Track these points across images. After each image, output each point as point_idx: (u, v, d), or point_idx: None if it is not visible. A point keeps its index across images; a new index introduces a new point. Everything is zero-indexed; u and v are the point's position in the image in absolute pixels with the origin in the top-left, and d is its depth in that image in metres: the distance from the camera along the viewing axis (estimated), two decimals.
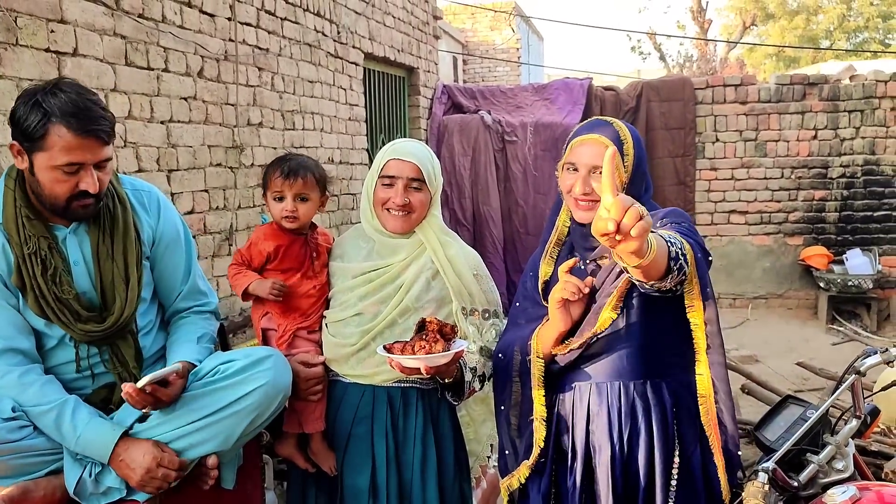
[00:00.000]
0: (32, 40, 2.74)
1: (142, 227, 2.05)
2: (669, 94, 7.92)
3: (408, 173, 2.15)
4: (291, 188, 2.25)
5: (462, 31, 14.56)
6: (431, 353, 1.84)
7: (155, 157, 3.57)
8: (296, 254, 2.29)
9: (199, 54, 3.88)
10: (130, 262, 1.98)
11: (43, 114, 1.75)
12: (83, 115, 1.78)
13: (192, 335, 2.10)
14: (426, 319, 1.93)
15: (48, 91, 1.79)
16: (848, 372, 2.07)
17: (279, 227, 2.29)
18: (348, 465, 2.19)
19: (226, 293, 4.14)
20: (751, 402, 4.69)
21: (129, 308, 1.96)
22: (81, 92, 1.82)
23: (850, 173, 7.84)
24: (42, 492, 1.77)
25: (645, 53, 24.07)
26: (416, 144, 2.24)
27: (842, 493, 1.71)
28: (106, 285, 1.95)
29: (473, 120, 7.67)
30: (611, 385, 1.92)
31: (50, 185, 1.81)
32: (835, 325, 7.33)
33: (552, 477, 2.00)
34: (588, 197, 1.89)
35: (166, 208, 2.16)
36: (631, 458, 1.91)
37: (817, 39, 24.45)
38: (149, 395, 1.79)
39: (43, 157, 1.78)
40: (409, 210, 2.16)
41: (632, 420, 1.90)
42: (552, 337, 1.92)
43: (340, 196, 5.78)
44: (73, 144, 1.77)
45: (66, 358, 1.93)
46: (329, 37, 5.53)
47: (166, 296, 2.16)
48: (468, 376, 2.06)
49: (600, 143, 1.87)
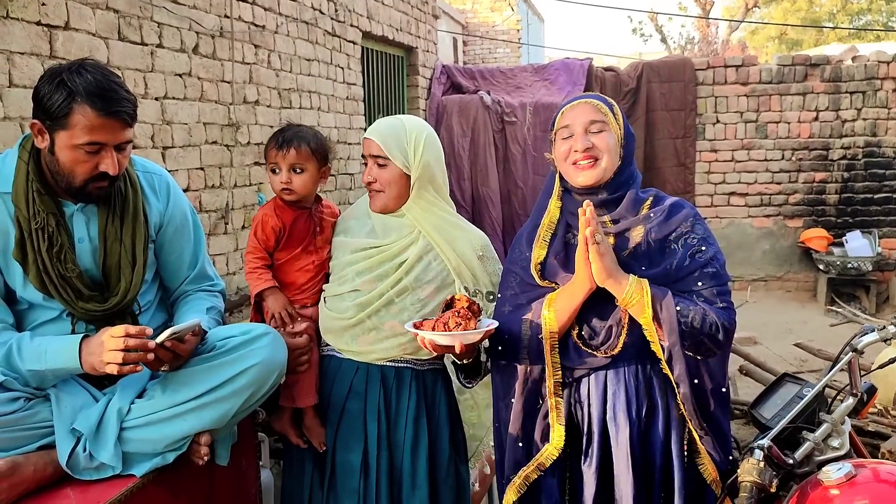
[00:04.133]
0: (23, 13, 2.71)
1: (150, 210, 2.06)
2: (670, 75, 7.87)
3: (371, 150, 2.14)
4: (285, 159, 2.22)
5: (462, 11, 14.45)
6: (466, 329, 1.81)
7: (149, 133, 3.55)
8: (300, 229, 2.27)
9: (193, 30, 3.84)
10: (138, 244, 1.99)
11: (68, 93, 1.75)
12: (108, 95, 1.78)
13: (202, 306, 2.12)
14: (455, 297, 1.90)
15: (73, 70, 1.78)
16: (845, 350, 2.05)
17: (282, 202, 2.27)
18: (341, 441, 2.19)
19: (222, 272, 4.13)
20: (748, 384, 4.69)
21: (134, 290, 1.98)
22: (106, 73, 1.82)
23: (850, 155, 7.81)
24: (32, 466, 1.75)
25: (646, 35, 24.03)
26: (388, 121, 2.19)
27: (837, 470, 1.69)
28: (111, 266, 1.95)
29: (472, 100, 7.62)
30: (627, 365, 1.90)
31: (70, 165, 1.81)
32: (834, 307, 7.32)
33: (566, 462, 1.97)
34: (589, 153, 1.87)
35: (176, 193, 2.16)
36: (648, 436, 1.90)
37: (820, 21, 24.29)
38: (168, 350, 1.79)
39: (65, 136, 1.78)
40: (376, 189, 2.14)
41: (648, 398, 1.90)
42: (576, 302, 1.86)
43: (338, 176, 5.75)
44: (97, 124, 1.77)
45: (61, 333, 1.92)
46: (326, 15, 5.48)
47: (172, 279, 2.16)
48: (484, 356, 2.03)
49: (592, 103, 1.90)
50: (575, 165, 1.89)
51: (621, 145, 1.91)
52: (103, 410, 1.86)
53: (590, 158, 1.87)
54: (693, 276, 1.85)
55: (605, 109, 1.90)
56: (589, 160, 1.88)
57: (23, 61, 2.69)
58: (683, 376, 1.82)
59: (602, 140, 1.87)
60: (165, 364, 1.84)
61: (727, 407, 1.93)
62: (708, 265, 1.86)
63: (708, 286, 1.85)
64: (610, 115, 1.90)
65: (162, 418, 1.85)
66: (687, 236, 1.87)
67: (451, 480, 2.25)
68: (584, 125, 1.89)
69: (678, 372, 1.81)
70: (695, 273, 1.85)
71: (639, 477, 1.89)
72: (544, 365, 1.91)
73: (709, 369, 1.85)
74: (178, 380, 1.88)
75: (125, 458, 1.84)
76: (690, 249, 1.86)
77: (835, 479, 1.68)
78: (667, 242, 1.87)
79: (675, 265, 1.84)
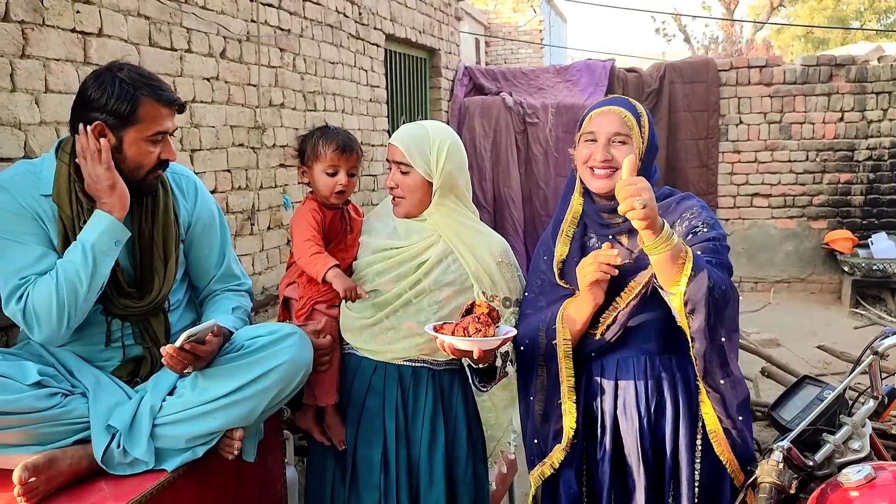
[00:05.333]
0: (59, 20, 2.78)
1: (179, 210, 2.11)
2: (693, 76, 7.83)
3: (395, 157, 2.16)
4: (348, 162, 2.26)
5: (484, 12, 14.45)
6: (486, 336, 1.84)
7: (178, 136, 3.61)
8: (335, 227, 2.31)
9: (221, 35, 3.90)
10: (170, 243, 2.05)
11: (132, 89, 1.86)
12: (162, 86, 1.92)
13: (228, 306, 2.17)
14: (475, 302, 1.93)
15: (122, 70, 1.89)
16: (866, 352, 2.06)
17: (318, 203, 2.30)
18: (361, 438, 2.23)
19: (248, 272, 4.19)
20: (770, 385, 4.67)
21: (167, 287, 2.03)
22: (143, 70, 1.95)
23: (876, 156, 7.72)
24: (69, 460, 1.80)
25: (669, 35, 23.86)
26: (412, 128, 2.20)
27: (857, 473, 1.70)
28: (145, 264, 2.01)
29: (495, 102, 7.64)
30: (637, 359, 1.96)
31: (139, 158, 1.92)
32: (858, 309, 7.24)
33: (583, 455, 2.02)
34: (608, 164, 1.92)
35: (203, 193, 2.22)
36: (658, 429, 1.95)
37: (847, 20, 23.96)
38: (188, 352, 1.83)
39: (134, 131, 1.89)
40: (398, 195, 2.17)
41: (657, 393, 1.95)
42: (584, 315, 1.92)
43: (361, 177, 5.80)
44: (163, 114, 1.91)
45: (97, 331, 1.99)
46: (350, 18, 5.53)
47: (200, 278, 2.22)
48: (499, 362, 2.05)
49: (621, 113, 1.93)
50: (592, 172, 1.95)
51: (640, 158, 1.93)
52: (136, 407, 1.91)
53: (607, 168, 1.92)
54: (698, 247, 1.86)
55: (632, 122, 1.93)
56: (607, 170, 1.93)
57: (58, 67, 2.76)
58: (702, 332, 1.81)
59: (623, 153, 1.89)
60: (189, 366, 1.88)
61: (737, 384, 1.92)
62: (713, 240, 1.89)
63: (708, 258, 1.85)
64: (636, 128, 1.93)
65: (192, 415, 1.90)
66: (692, 220, 1.92)
67: (469, 479, 2.28)
68: (607, 136, 1.93)
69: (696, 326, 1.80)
70: (696, 245, 1.86)
71: (649, 469, 1.93)
72: (558, 369, 1.97)
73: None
74: (207, 378, 1.93)
75: (157, 454, 1.89)
76: (695, 229, 1.90)
77: (854, 481, 1.69)
78: (673, 227, 1.90)
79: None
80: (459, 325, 1.87)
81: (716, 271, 1.80)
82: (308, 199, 2.33)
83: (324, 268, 2.14)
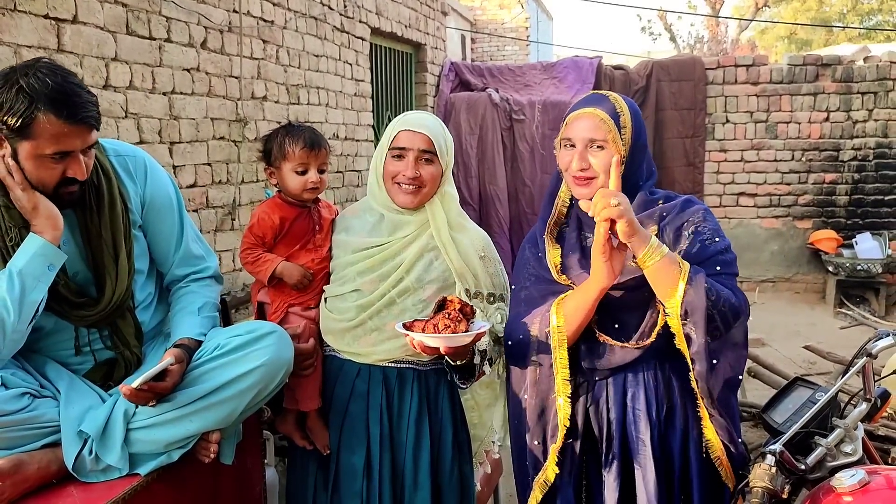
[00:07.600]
0: (31, 6, 2.69)
1: (128, 195, 1.96)
2: (680, 74, 7.83)
3: (419, 145, 2.08)
4: (317, 159, 2.22)
5: (471, 8, 14.42)
6: (456, 332, 1.79)
7: (157, 128, 3.53)
8: (301, 227, 2.24)
9: (202, 25, 3.82)
10: (118, 237, 1.90)
11: (29, 100, 1.61)
12: (71, 101, 1.65)
13: (193, 306, 2.05)
14: (447, 298, 1.88)
15: (30, 74, 1.64)
16: (859, 354, 2.03)
17: (283, 201, 2.25)
18: (344, 443, 2.17)
19: (228, 268, 4.12)
20: (756, 386, 4.65)
21: (121, 285, 1.90)
22: (66, 75, 1.69)
23: (861, 156, 7.76)
24: (36, 465, 1.74)
25: (655, 34, 23.94)
26: (428, 116, 2.17)
27: (850, 477, 1.67)
28: (99, 263, 1.89)
29: (481, 98, 7.59)
30: (646, 366, 1.89)
31: (36, 174, 1.70)
32: (843, 309, 7.27)
33: (582, 462, 1.94)
34: (584, 174, 1.85)
35: (154, 173, 2.05)
36: (667, 438, 1.89)
37: (830, 21, 24.16)
38: (147, 391, 1.75)
39: (28, 146, 1.66)
40: (419, 184, 2.09)
41: (668, 399, 1.89)
42: (589, 300, 1.82)
43: (345, 173, 5.73)
44: (64, 132, 1.65)
45: (64, 337, 1.90)
46: (335, 10, 5.46)
47: (161, 263, 2.10)
48: (477, 359, 2.00)
49: (595, 117, 1.84)
50: (574, 179, 1.88)
51: (624, 158, 1.84)
52: (110, 412, 1.84)
53: (585, 178, 1.85)
54: (710, 262, 1.82)
55: (610, 125, 1.83)
56: (584, 179, 1.86)
57: (30, 55, 2.68)
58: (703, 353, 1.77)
59: (599, 160, 1.83)
60: (153, 399, 1.79)
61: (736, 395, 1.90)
62: (723, 253, 1.85)
63: (725, 272, 1.83)
64: (614, 130, 1.83)
65: (168, 419, 1.83)
66: (699, 225, 1.86)
67: (454, 481, 2.23)
68: (583, 142, 1.85)
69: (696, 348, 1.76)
70: (710, 259, 1.83)
71: (661, 479, 1.88)
72: (552, 361, 1.88)
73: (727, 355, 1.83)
74: (183, 381, 1.86)
75: (131, 459, 1.82)
76: (703, 237, 1.85)
77: (848, 486, 1.66)
78: (679, 231, 1.86)
79: (688, 251, 1.83)
80: (430, 322, 1.83)
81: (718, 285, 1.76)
82: (269, 199, 2.28)
83: (270, 267, 2.13)
